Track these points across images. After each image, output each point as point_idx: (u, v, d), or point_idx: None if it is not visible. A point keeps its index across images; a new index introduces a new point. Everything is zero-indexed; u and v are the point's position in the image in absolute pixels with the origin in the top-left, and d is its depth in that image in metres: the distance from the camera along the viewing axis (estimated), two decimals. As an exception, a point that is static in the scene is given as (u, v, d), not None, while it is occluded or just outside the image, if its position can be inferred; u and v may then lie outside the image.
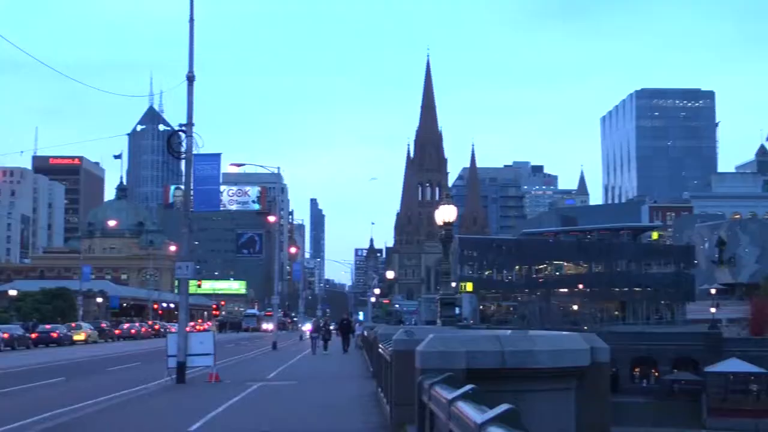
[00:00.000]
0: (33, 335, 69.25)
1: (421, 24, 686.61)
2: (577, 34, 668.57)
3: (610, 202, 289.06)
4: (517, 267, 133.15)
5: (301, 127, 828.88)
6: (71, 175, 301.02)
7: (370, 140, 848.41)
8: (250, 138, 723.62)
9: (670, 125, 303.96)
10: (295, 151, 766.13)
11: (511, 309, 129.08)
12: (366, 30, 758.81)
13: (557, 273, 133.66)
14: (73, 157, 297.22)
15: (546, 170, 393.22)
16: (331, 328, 65.41)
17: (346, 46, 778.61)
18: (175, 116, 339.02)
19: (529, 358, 9.13)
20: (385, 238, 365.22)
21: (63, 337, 70.75)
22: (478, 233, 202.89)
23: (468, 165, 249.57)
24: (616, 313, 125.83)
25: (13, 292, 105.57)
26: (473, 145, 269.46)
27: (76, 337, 74.66)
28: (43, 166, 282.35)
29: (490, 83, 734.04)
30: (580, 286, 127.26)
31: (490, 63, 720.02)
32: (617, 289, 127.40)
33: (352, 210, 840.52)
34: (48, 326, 75.42)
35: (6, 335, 61.36)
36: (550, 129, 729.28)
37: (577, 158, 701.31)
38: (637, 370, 75.32)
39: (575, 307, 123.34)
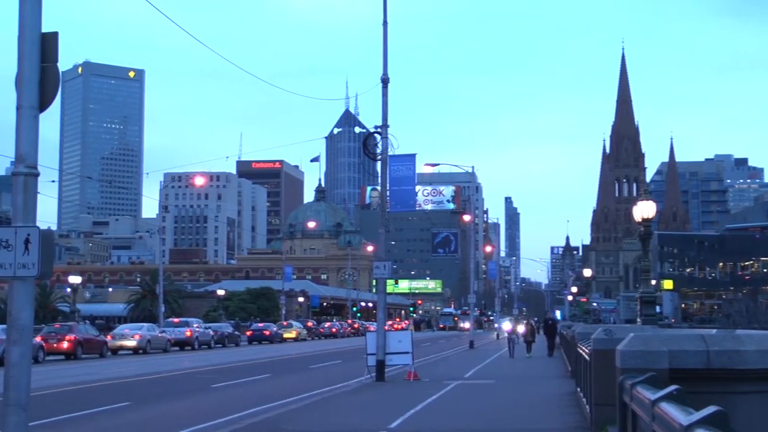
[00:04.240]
0: (248, 332, 74.29)
1: (615, 15, 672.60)
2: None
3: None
4: (720, 264, 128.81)
5: (494, 125, 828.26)
6: (272, 179, 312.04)
7: (565, 136, 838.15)
8: (444, 137, 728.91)
9: None
10: (489, 149, 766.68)
11: (715, 307, 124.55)
12: (559, 24, 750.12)
13: (765, 270, 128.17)
14: (274, 161, 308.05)
15: (750, 163, 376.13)
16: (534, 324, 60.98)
17: (539, 42, 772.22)
18: (370, 118, 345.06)
19: (737, 358, 8.84)
20: (582, 236, 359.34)
21: (274, 335, 74.36)
22: (679, 229, 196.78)
23: (666, 159, 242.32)
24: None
25: (221, 292, 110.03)
26: (672, 138, 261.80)
27: (286, 335, 78.59)
28: (246, 170, 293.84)
29: (689, 73, 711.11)
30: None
31: (689, 52, 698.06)
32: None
33: (548, 208, 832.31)
34: (261, 324, 79.51)
35: (216, 333, 64.51)
36: (754, 119, 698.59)
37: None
38: None
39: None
